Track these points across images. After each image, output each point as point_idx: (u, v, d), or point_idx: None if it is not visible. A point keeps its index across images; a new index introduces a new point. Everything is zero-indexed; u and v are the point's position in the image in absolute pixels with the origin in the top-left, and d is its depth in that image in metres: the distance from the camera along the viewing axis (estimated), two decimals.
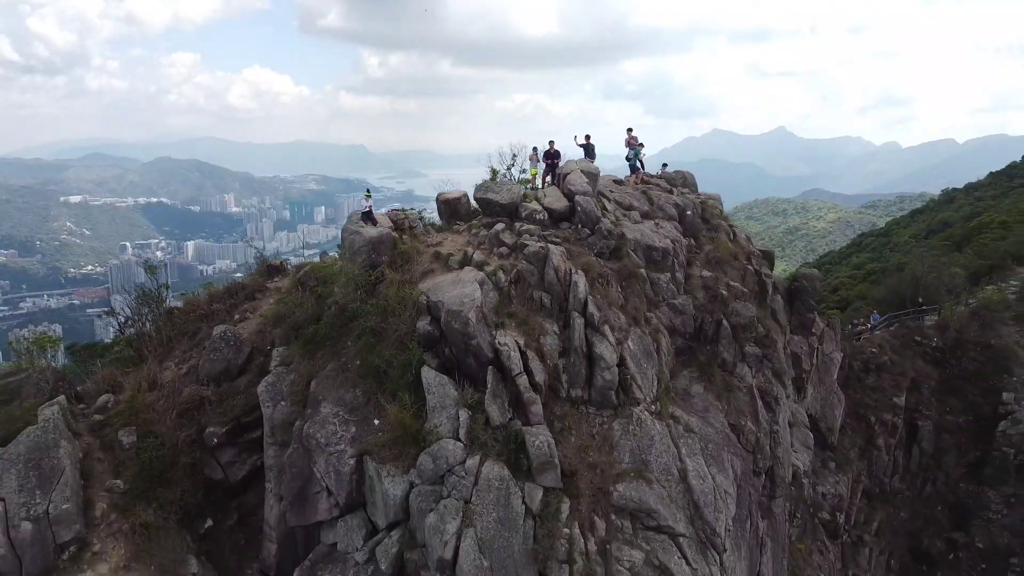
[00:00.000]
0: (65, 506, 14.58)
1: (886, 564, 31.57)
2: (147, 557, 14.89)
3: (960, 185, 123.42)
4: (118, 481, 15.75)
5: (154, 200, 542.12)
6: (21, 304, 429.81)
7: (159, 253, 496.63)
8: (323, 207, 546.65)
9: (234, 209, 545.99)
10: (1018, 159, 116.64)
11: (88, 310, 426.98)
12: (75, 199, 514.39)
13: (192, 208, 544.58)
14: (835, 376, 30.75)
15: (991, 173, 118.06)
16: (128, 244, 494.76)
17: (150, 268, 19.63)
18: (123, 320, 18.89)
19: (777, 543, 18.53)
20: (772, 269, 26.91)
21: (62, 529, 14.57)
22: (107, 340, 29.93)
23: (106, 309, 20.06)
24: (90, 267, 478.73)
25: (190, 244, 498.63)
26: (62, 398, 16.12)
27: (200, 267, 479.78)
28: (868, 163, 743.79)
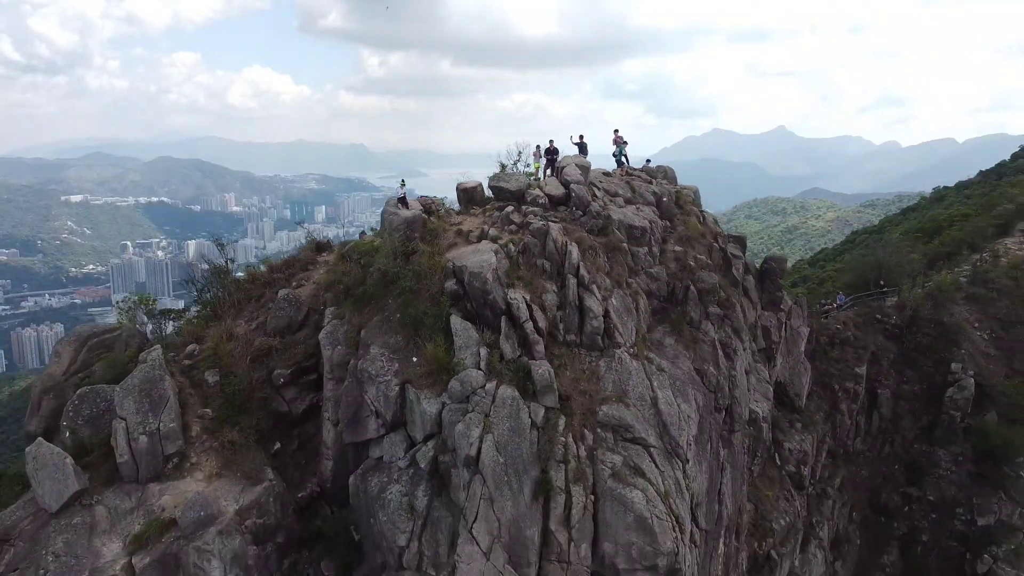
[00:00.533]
0: (171, 425, 18.74)
1: (848, 515, 35.76)
2: (233, 467, 19.02)
3: None
4: (207, 410, 19.92)
5: (155, 199, 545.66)
6: (23, 303, 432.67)
7: (160, 252, 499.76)
8: (323, 206, 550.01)
9: (235, 208, 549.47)
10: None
11: (90, 309, 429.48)
12: (76, 198, 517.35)
13: (193, 207, 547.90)
14: (803, 348, 34.88)
15: (981, 172, 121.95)
16: (129, 243, 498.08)
17: (220, 245, 23.77)
18: (200, 287, 23.05)
19: (736, 469, 22.68)
20: (744, 252, 31.08)
21: (168, 443, 18.73)
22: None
23: (186, 278, 24.13)
24: (91, 266, 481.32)
25: (191, 243, 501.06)
26: (159, 346, 20.30)
27: (202, 266, 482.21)
28: (868, 162, 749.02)
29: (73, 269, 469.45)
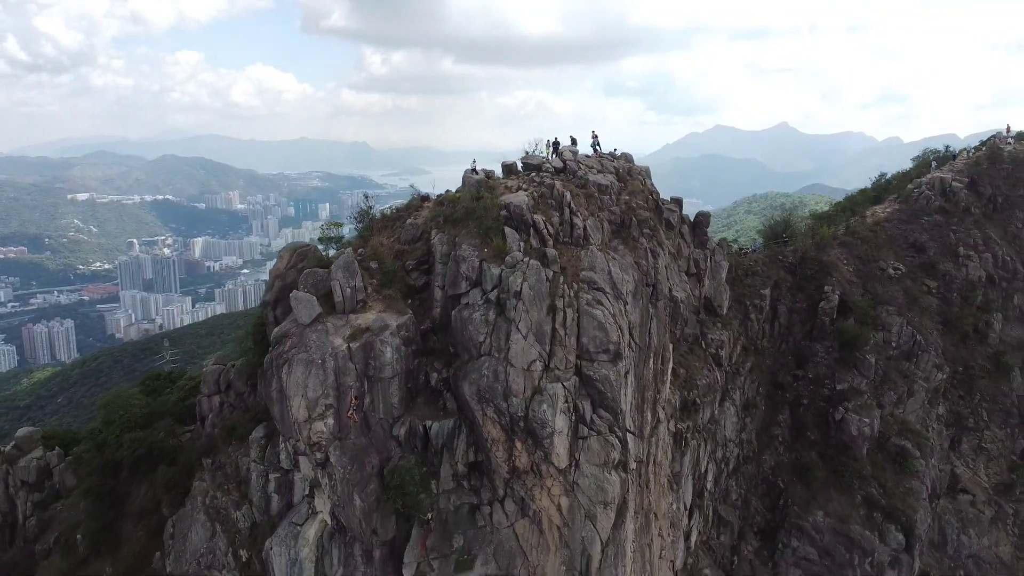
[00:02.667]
0: (359, 285, 37.22)
1: (756, 388, 54.33)
2: (391, 308, 37.45)
3: None
4: (373, 280, 38.44)
5: (160, 197, 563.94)
6: (31, 300, 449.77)
7: (166, 250, 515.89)
8: (327, 204, 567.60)
9: (239, 206, 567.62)
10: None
11: (98, 305, 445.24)
12: (82, 196, 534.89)
13: (198, 205, 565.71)
14: (724, 276, 53.39)
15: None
16: (135, 241, 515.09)
17: (366, 196, 42.27)
18: (357, 220, 41.61)
19: (661, 324, 41.18)
20: (680, 209, 49.67)
21: (358, 294, 37.22)
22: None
23: (334, 223, 42.36)
24: (98, 264, 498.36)
25: (197, 241, 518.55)
26: (349, 248, 38.75)
27: (207, 263, 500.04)
28: (870, 158, 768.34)
29: (81, 266, 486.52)
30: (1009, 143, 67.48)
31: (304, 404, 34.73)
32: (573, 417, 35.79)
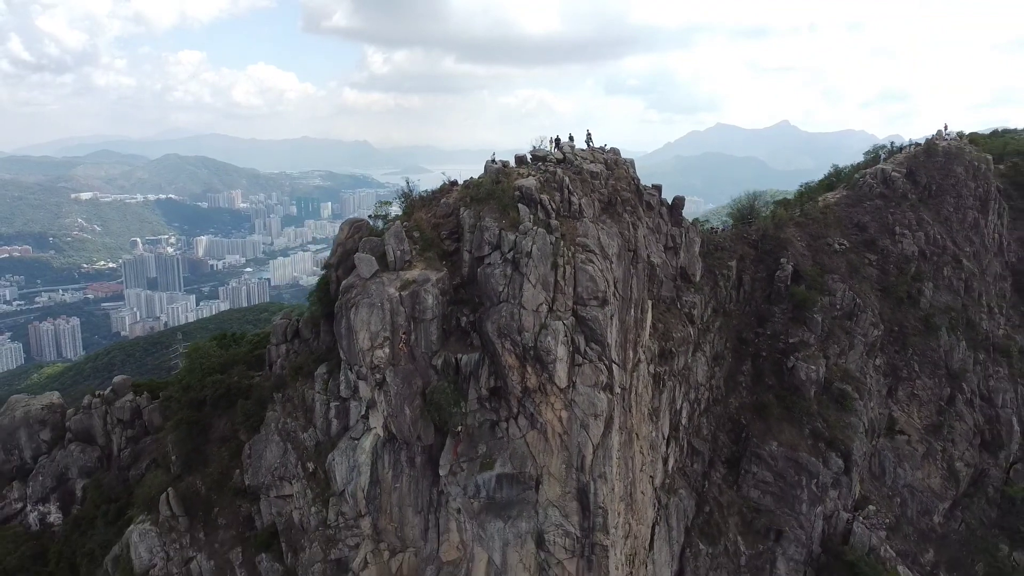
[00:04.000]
0: (406, 248, 49.22)
1: (724, 343, 66.33)
2: (431, 266, 49.30)
3: None
4: (416, 245, 50.38)
5: (163, 196, 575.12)
6: (37, 299, 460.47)
7: (170, 248, 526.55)
8: (329, 203, 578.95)
9: (241, 205, 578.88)
10: None
11: (103, 304, 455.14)
12: (86, 196, 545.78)
13: (200, 204, 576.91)
14: (697, 250, 65.40)
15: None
16: (139, 240, 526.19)
17: (408, 181, 54.24)
18: (402, 200, 53.51)
19: (640, 281, 53.18)
20: (660, 193, 61.80)
21: (405, 255, 49.18)
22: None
23: (385, 202, 54.21)
24: (103, 262, 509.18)
25: (201, 239, 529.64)
26: (398, 220, 50.68)
27: (210, 261, 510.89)
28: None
29: (85, 265, 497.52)
30: (946, 140, 79.40)
31: (368, 336, 46.78)
32: (571, 348, 47.74)
